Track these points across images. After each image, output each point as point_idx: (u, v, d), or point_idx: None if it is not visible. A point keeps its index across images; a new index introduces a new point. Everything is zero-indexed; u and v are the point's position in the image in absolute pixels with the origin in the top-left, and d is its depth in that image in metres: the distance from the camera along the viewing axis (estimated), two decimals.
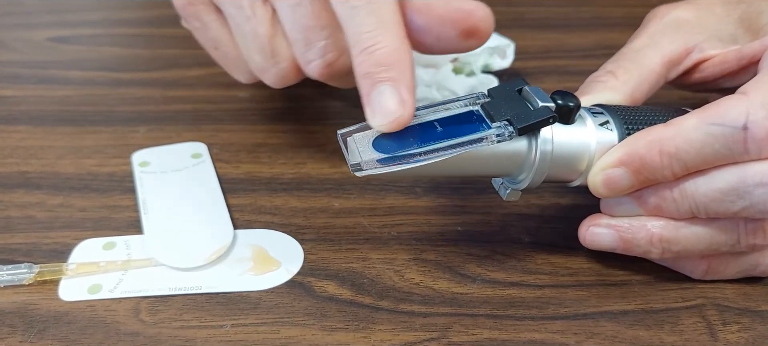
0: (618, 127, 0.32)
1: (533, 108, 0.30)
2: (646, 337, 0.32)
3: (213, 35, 0.38)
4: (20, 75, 0.51)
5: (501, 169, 0.32)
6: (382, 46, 0.31)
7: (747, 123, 0.29)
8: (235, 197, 0.40)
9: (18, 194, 0.40)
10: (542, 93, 0.31)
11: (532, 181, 0.32)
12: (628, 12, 0.59)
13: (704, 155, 0.30)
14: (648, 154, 0.30)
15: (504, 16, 0.59)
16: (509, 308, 0.33)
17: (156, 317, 0.33)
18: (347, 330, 0.32)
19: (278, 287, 0.34)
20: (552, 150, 0.31)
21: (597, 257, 0.36)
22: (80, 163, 0.42)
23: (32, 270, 0.34)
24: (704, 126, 0.30)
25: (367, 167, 0.30)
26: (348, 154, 0.31)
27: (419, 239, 0.37)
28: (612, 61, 0.36)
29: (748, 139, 0.29)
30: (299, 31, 0.34)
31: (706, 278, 0.34)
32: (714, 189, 0.30)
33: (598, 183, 0.32)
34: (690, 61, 0.36)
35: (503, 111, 0.31)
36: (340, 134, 0.31)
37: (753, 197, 0.30)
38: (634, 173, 0.31)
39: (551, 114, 0.30)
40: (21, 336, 0.32)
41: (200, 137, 0.44)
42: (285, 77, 0.36)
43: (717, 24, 0.36)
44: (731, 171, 0.30)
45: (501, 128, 0.30)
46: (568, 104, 0.31)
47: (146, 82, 0.50)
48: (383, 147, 0.30)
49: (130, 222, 0.38)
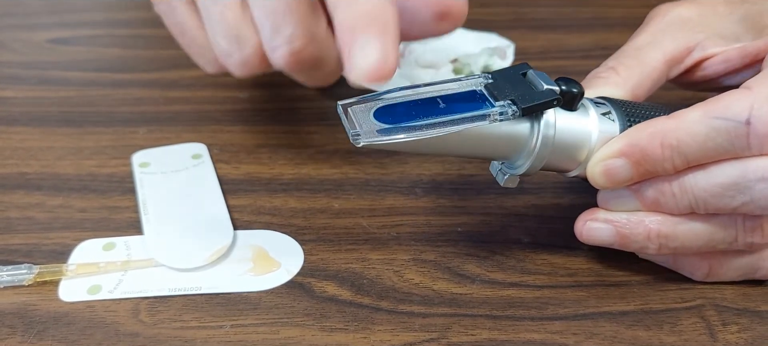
0: (620, 118, 0.32)
1: (537, 90, 0.30)
2: (645, 337, 0.32)
3: (180, 20, 0.37)
4: (20, 76, 0.51)
5: (501, 150, 0.31)
6: (367, 1, 0.30)
7: (750, 117, 0.29)
8: (234, 198, 0.40)
9: (18, 195, 0.40)
10: (547, 77, 0.31)
11: (531, 166, 0.31)
12: (627, 12, 0.59)
13: (706, 149, 0.30)
14: (649, 146, 0.30)
15: (503, 16, 0.59)
16: (508, 308, 0.33)
17: (156, 318, 0.33)
18: (347, 331, 0.32)
19: (278, 287, 0.34)
20: (554, 135, 0.30)
21: (596, 258, 0.36)
22: (80, 164, 0.42)
23: (32, 271, 0.34)
24: (707, 119, 0.29)
25: (367, 137, 0.29)
26: (348, 124, 0.30)
27: (419, 240, 0.37)
28: (613, 58, 0.36)
29: (750, 134, 0.29)
30: (267, 16, 0.33)
31: (707, 280, 0.34)
32: (714, 183, 0.30)
33: (598, 173, 0.31)
34: (692, 60, 0.36)
35: (507, 91, 0.30)
36: (340, 105, 0.30)
37: (753, 193, 0.30)
38: (635, 165, 0.31)
39: (556, 96, 0.30)
40: (20, 337, 0.32)
41: (200, 138, 0.44)
42: (248, 64, 0.35)
43: (719, 22, 0.36)
44: (732, 165, 0.30)
45: (504, 107, 0.30)
46: (572, 90, 0.30)
47: (146, 83, 0.50)
48: (384, 118, 0.30)
49: (130, 223, 0.38)
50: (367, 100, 0.30)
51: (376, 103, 0.30)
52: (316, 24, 0.34)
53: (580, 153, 0.31)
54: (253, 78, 0.50)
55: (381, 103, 0.30)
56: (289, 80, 0.47)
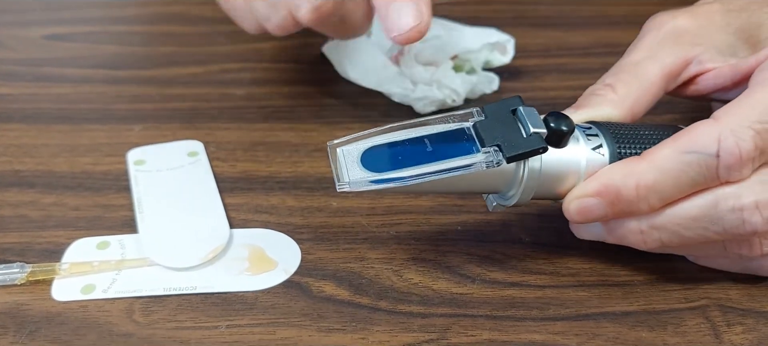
0: (610, 148, 0.32)
1: (525, 134, 0.30)
2: (649, 338, 0.32)
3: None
4: (15, 73, 0.50)
5: (489, 187, 0.32)
6: None
7: (719, 150, 0.29)
8: (231, 196, 0.39)
9: (11, 193, 0.39)
10: (535, 117, 0.31)
11: (520, 199, 0.32)
12: (629, 10, 0.59)
13: (681, 184, 0.30)
14: (624, 187, 0.30)
15: (504, 13, 0.59)
16: (509, 308, 0.33)
17: (150, 318, 0.32)
18: (345, 331, 0.32)
19: (275, 287, 0.34)
20: (540, 168, 0.31)
21: (598, 257, 0.35)
22: (75, 162, 0.42)
23: (24, 270, 0.34)
24: (678, 155, 0.30)
25: (354, 187, 0.30)
26: (335, 170, 0.31)
27: (418, 239, 0.37)
28: (611, 74, 0.35)
29: (720, 166, 0.29)
30: None
31: (700, 263, 0.34)
32: (686, 217, 0.30)
33: (572, 211, 0.31)
34: (688, 74, 0.36)
35: (495, 134, 0.30)
36: (329, 146, 0.31)
37: (725, 223, 0.30)
38: (609, 205, 0.31)
39: (541, 145, 0.30)
40: (12, 337, 0.31)
41: (196, 135, 0.44)
42: (284, 26, 0.39)
43: (716, 34, 0.36)
44: (703, 197, 0.30)
45: (490, 155, 0.30)
46: (561, 128, 0.31)
47: (142, 80, 0.50)
48: (372, 163, 0.30)
49: (125, 221, 0.37)
50: (356, 140, 0.31)
51: (365, 142, 0.31)
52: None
53: (569, 182, 0.32)
54: (249, 76, 0.50)
55: (369, 143, 0.31)
56: (286, 78, 0.47)
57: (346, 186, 0.30)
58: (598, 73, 0.36)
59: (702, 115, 0.32)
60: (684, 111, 0.44)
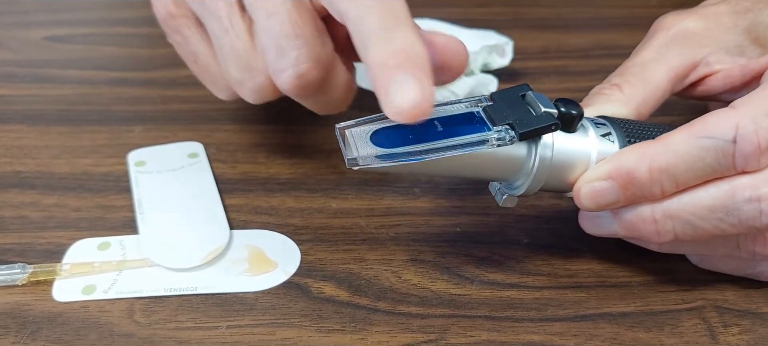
0: (620, 139, 0.31)
1: (535, 114, 0.30)
2: (645, 339, 0.32)
3: (193, 49, 0.37)
4: (16, 74, 0.50)
5: (499, 173, 0.31)
6: (399, 39, 0.29)
7: (736, 136, 0.29)
8: (231, 197, 0.39)
9: (12, 194, 0.39)
10: (545, 99, 0.30)
11: (529, 187, 0.31)
12: (627, 13, 0.59)
13: (695, 169, 0.29)
14: (637, 170, 0.30)
15: (503, 16, 0.59)
16: (508, 309, 0.33)
17: (150, 319, 0.32)
18: (344, 332, 0.32)
19: (274, 288, 0.34)
20: (551, 156, 0.30)
21: (597, 259, 0.36)
22: (75, 163, 0.42)
23: (26, 270, 0.34)
24: (694, 139, 0.29)
25: (364, 162, 0.29)
26: (345, 148, 0.30)
27: (417, 240, 0.37)
28: (617, 75, 0.35)
29: (736, 153, 0.29)
30: (272, 40, 0.33)
31: (700, 266, 0.34)
32: (701, 206, 0.30)
33: (584, 195, 0.31)
34: (696, 75, 0.36)
35: (505, 115, 0.30)
36: (337, 128, 0.30)
37: (741, 214, 0.29)
38: (622, 188, 0.30)
39: (553, 121, 0.30)
40: (14, 337, 0.31)
41: (197, 137, 0.44)
42: (261, 92, 0.35)
43: (724, 35, 0.36)
44: (718, 186, 0.30)
45: (502, 132, 0.30)
46: (571, 112, 0.30)
47: (143, 82, 0.50)
48: (381, 142, 0.30)
49: (126, 222, 0.37)
50: (365, 123, 0.30)
51: (373, 125, 0.30)
52: (322, 47, 0.33)
53: (579, 172, 0.31)
54: None
55: (378, 126, 0.30)
56: None
57: (355, 162, 0.29)
58: (597, 75, 0.36)
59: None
60: (684, 112, 0.44)
